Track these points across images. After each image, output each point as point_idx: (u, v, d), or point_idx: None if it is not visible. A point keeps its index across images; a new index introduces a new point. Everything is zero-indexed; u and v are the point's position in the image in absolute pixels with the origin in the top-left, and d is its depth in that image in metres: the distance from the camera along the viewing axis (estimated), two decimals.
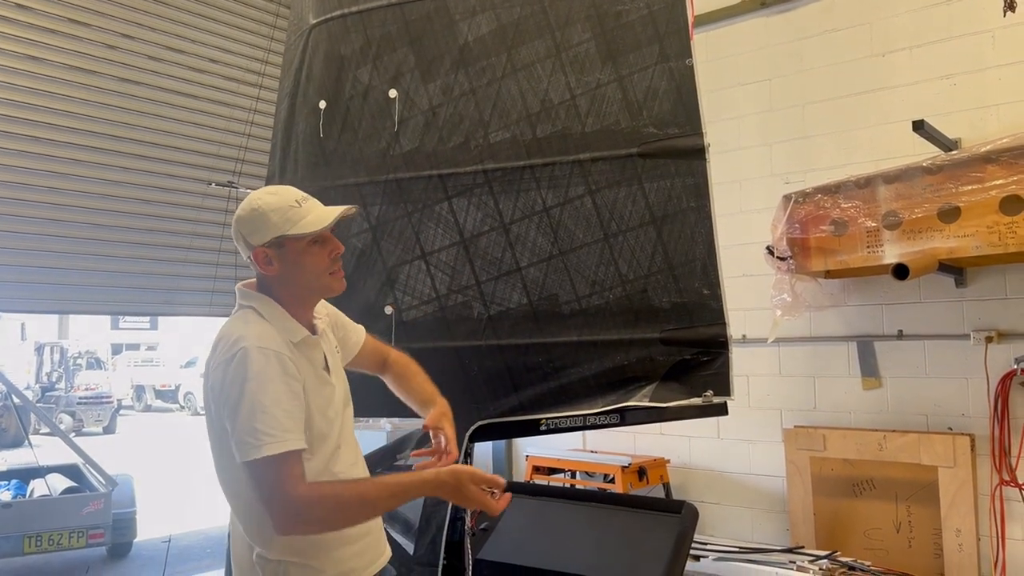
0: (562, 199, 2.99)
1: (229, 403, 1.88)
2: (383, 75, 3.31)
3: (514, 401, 3.03)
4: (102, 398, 19.31)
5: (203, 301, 5.00)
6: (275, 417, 1.85)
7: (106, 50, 4.92)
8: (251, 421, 1.84)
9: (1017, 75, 4.15)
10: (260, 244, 2.03)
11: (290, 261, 2.05)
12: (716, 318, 2.80)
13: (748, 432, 4.97)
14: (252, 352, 1.89)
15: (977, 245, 3.69)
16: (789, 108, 4.90)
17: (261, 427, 1.83)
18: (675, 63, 2.87)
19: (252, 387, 1.86)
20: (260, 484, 1.85)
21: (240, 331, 1.96)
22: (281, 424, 1.86)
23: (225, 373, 1.90)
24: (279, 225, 2.01)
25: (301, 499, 1.83)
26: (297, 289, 2.09)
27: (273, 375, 1.89)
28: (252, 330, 1.96)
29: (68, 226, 4.74)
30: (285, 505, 1.83)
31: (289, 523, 1.86)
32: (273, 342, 1.95)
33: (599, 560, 3.60)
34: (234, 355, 1.90)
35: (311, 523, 1.88)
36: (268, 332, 1.98)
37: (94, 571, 6.84)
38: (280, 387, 1.90)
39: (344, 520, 1.93)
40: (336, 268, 2.11)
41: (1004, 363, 4.11)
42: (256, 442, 1.82)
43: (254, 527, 2.01)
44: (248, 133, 4.55)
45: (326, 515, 1.87)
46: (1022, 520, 4.04)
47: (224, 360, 1.91)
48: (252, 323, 2.00)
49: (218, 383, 1.91)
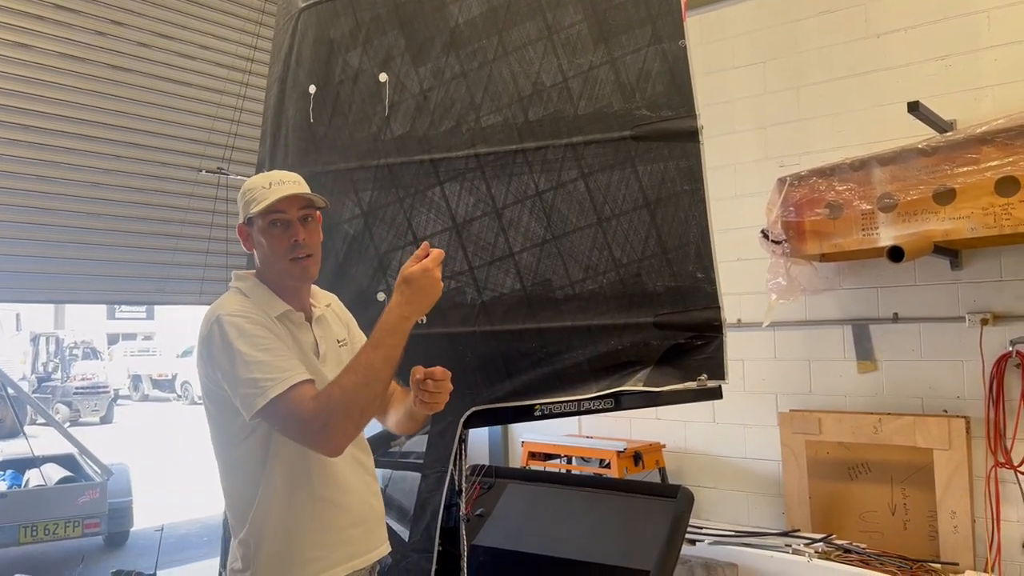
0: (555, 183, 2.96)
1: (222, 369, 1.97)
2: (373, 59, 3.27)
3: (508, 387, 3.01)
4: (99, 388, 19.30)
5: (194, 289, 4.97)
6: (268, 364, 1.94)
7: (95, 37, 4.87)
8: (249, 374, 1.93)
9: (1012, 55, 4.12)
10: (240, 222, 2.20)
11: (255, 240, 2.16)
12: (710, 302, 2.79)
13: (744, 416, 4.97)
14: (226, 319, 2.00)
15: (972, 227, 3.68)
16: (783, 91, 4.87)
17: (260, 375, 1.92)
18: (668, 44, 2.84)
19: (239, 345, 1.95)
20: (282, 424, 1.95)
21: (215, 307, 2.07)
22: (277, 366, 1.94)
23: (211, 346, 2.00)
24: (248, 205, 2.13)
25: (318, 413, 1.89)
26: (267, 271, 2.18)
27: (252, 330, 1.99)
28: (227, 305, 2.07)
29: (59, 215, 4.71)
30: (311, 425, 1.90)
31: (324, 439, 1.92)
32: (246, 311, 2.04)
33: (595, 545, 3.60)
34: (211, 328, 2.01)
35: (339, 423, 1.91)
36: (245, 305, 2.08)
37: (91, 560, 6.83)
38: (263, 337, 1.99)
39: (361, 398, 1.92)
40: (298, 254, 2.13)
41: (999, 345, 4.11)
42: (259, 390, 1.91)
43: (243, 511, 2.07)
44: (238, 120, 4.51)
45: (343, 406, 1.90)
46: (1017, 502, 4.04)
47: (205, 335, 2.02)
48: (229, 299, 2.11)
49: (209, 358, 2.01)
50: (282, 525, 2.05)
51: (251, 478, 2.06)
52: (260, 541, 2.05)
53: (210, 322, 2.01)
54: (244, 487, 2.07)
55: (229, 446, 2.08)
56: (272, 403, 1.90)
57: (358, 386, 1.92)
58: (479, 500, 4.04)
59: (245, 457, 2.06)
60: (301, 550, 2.05)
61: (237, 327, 1.98)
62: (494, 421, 3.29)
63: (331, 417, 1.90)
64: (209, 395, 2.06)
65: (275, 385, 1.91)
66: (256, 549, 2.05)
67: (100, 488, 6.63)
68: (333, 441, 1.93)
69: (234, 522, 2.11)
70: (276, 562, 2.04)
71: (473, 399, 3.04)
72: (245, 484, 2.07)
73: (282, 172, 2.22)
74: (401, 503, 3.37)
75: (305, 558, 2.05)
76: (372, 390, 1.94)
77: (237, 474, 2.09)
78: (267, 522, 2.05)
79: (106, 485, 6.70)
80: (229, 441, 2.07)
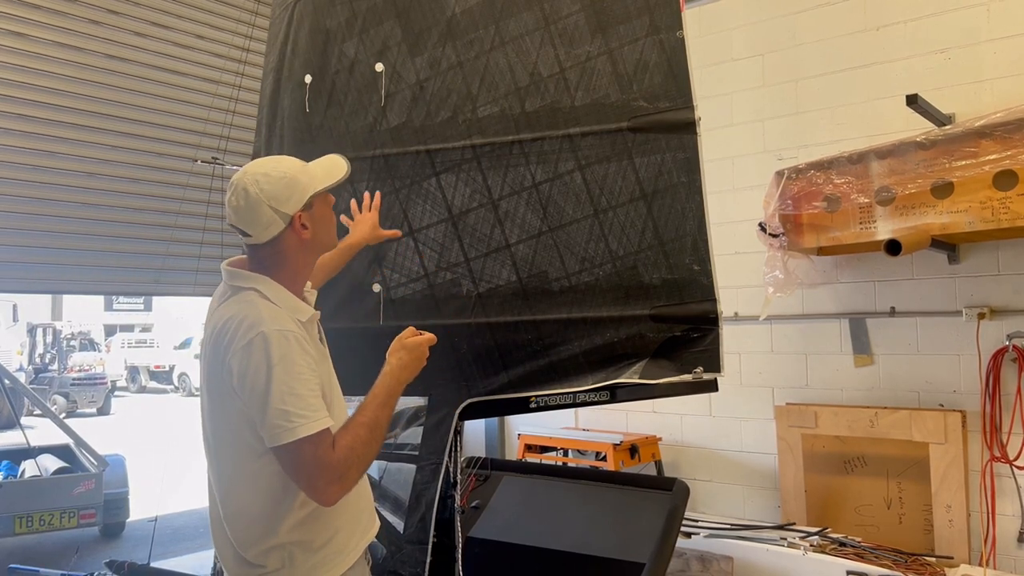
0: (551, 174, 2.95)
1: (256, 391, 1.86)
2: (369, 48, 3.25)
3: (504, 379, 3.00)
4: (96, 379, 19.30)
5: (189, 281, 4.96)
6: (304, 398, 1.87)
7: (91, 26, 4.85)
8: (282, 405, 1.84)
9: (1012, 49, 4.11)
10: (299, 208, 2.04)
11: (317, 219, 2.09)
12: (707, 294, 2.77)
13: (740, 409, 4.97)
14: (272, 336, 1.88)
15: (970, 221, 3.67)
16: (782, 83, 4.85)
17: (293, 409, 1.84)
18: (665, 35, 2.82)
19: (279, 371, 1.86)
20: (299, 465, 1.86)
21: (253, 315, 1.93)
22: (310, 404, 1.88)
23: (247, 361, 1.87)
24: (308, 184, 2.05)
25: (339, 463, 1.87)
26: (311, 256, 2.14)
27: (296, 357, 1.90)
28: (265, 313, 1.94)
29: (55, 205, 4.70)
30: (330, 475, 1.87)
31: (336, 490, 1.90)
32: (287, 323, 1.95)
33: (591, 538, 3.60)
34: (251, 341, 1.88)
35: (352, 478, 1.93)
36: (280, 314, 1.97)
37: (86, 551, 6.83)
38: (304, 368, 1.90)
39: (371, 455, 1.97)
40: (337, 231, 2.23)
41: (996, 339, 4.10)
42: (290, 424, 1.84)
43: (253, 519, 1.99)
44: (233, 110, 4.49)
45: (359, 461, 1.92)
46: (1012, 496, 4.04)
47: (242, 347, 1.89)
48: (262, 306, 1.97)
49: (240, 372, 1.88)
50: (332, 523, 2.04)
51: (282, 484, 1.95)
52: (305, 544, 1.99)
53: (248, 333, 1.89)
54: (273, 494, 1.96)
55: (249, 458, 1.95)
56: (298, 442, 1.83)
57: (370, 442, 1.94)
58: (475, 492, 4.04)
59: (272, 466, 1.93)
60: (343, 537, 2.08)
61: (280, 349, 1.87)
62: (490, 413, 3.28)
63: (349, 470, 1.89)
64: (225, 405, 1.95)
65: (306, 425, 1.84)
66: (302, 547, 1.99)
67: (96, 479, 6.63)
68: (343, 491, 1.92)
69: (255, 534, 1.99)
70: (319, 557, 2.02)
71: (469, 391, 3.03)
72: (274, 491, 1.96)
73: (284, 156, 2.20)
74: (396, 495, 3.37)
75: (346, 547, 2.08)
76: (379, 447, 1.99)
77: (259, 484, 1.96)
78: (311, 524, 2.00)
79: (102, 476, 6.70)
80: (249, 452, 1.95)
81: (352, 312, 3.23)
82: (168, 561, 6.23)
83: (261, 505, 1.98)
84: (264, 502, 1.97)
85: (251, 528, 2.00)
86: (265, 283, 2.03)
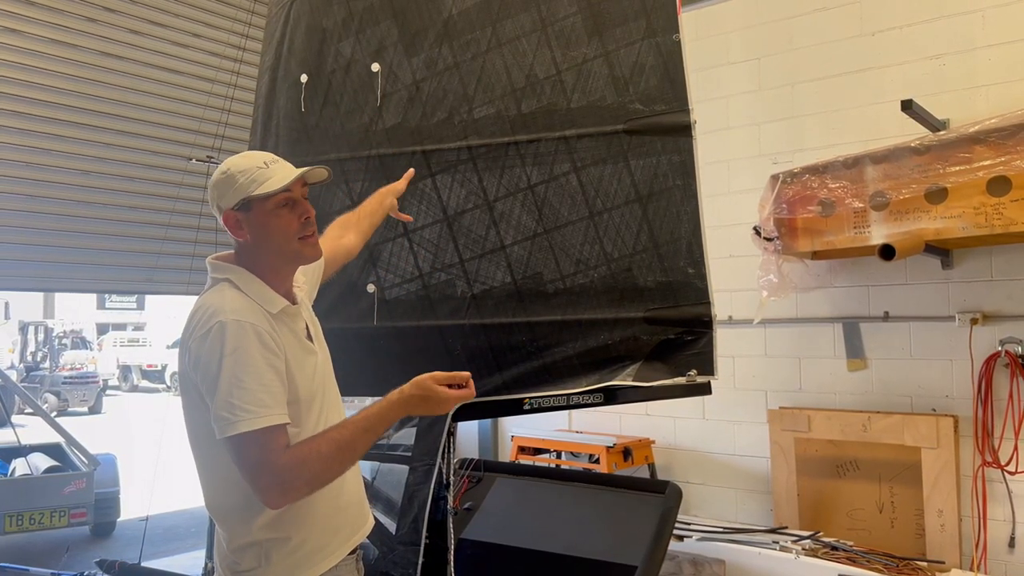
0: (547, 176, 2.95)
1: (208, 378, 1.84)
2: (366, 48, 3.24)
3: (497, 380, 3.00)
4: (88, 378, 19.22)
5: (183, 279, 4.94)
6: (253, 392, 1.81)
7: (87, 23, 4.83)
8: (228, 396, 1.80)
9: (1006, 55, 4.12)
10: (229, 207, 2.00)
11: (258, 224, 2.00)
12: (701, 297, 2.77)
13: (733, 413, 4.98)
14: (229, 325, 1.85)
15: (964, 226, 3.68)
16: (778, 88, 4.86)
17: (238, 402, 1.79)
18: (662, 38, 2.82)
19: (229, 362, 1.82)
20: (241, 460, 1.81)
21: (216, 304, 1.91)
22: (259, 399, 1.81)
23: (202, 348, 1.86)
24: (245, 186, 1.97)
25: (284, 469, 1.79)
26: (268, 256, 2.03)
27: (251, 349, 1.85)
28: (228, 303, 1.91)
29: (48, 202, 4.68)
30: (270, 479, 1.79)
31: (276, 495, 1.82)
32: (251, 315, 1.91)
33: (583, 540, 3.60)
34: (210, 329, 1.85)
35: (298, 489, 1.84)
36: (245, 304, 1.94)
37: (77, 550, 6.79)
38: (259, 361, 1.85)
39: (329, 473, 1.87)
40: (308, 233, 2.05)
41: (988, 345, 4.11)
42: (233, 418, 1.78)
43: (227, 512, 1.98)
44: (228, 108, 4.48)
45: (311, 475, 1.83)
46: (1003, 501, 4.05)
47: (200, 335, 1.87)
48: (228, 296, 1.95)
49: (196, 359, 1.87)
50: (308, 521, 1.97)
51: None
52: (280, 542, 1.95)
53: (209, 321, 1.86)
54: (243, 488, 1.86)
55: (216, 449, 1.88)
56: (239, 437, 1.78)
57: (334, 461, 1.85)
58: (467, 494, 4.04)
59: None
60: (324, 536, 2.02)
61: (236, 340, 1.83)
62: (483, 414, 3.28)
63: (296, 480, 1.80)
64: (190, 395, 1.93)
65: (247, 420, 1.78)
66: (278, 545, 1.95)
67: (87, 478, 6.59)
68: (285, 499, 1.83)
69: (231, 527, 1.97)
70: (297, 556, 1.97)
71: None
72: (243, 484, 1.86)
73: (262, 152, 2.12)
74: (389, 496, 3.36)
75: (327, 546, 2.02)
76: (343, 468, 1.91)
77: (229, 476, 1.88)
78: (287, 521, 1.94)
79: (93, 475, 6.67)
80: (215, 444, 1.87)
81: (346, 312, 3.22)
82: (159, 561, 6.20)
83: (233, 498, 1.93)
84: (235, 495, 1.92)
85: (227, 520, 1.99)
86: (239, 274, 2.01)
